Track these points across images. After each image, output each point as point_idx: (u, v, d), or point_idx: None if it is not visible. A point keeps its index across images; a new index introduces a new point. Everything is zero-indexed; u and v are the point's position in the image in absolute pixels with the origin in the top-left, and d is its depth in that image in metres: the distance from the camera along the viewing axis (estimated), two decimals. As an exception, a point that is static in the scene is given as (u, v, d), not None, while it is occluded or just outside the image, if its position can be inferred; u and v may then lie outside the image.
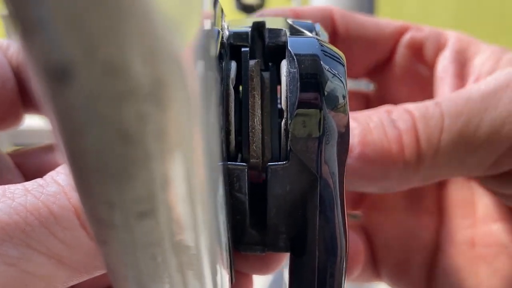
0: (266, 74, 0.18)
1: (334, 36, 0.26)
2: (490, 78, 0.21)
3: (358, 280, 0.27)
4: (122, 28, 0.07)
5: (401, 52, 0.26)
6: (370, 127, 0.21)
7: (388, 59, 0.27)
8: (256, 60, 0.18)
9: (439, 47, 0.26)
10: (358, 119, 0.21)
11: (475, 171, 0.21)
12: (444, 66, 0.25)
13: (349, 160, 0.19)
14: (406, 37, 0.26)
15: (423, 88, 0.26)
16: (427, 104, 0.21)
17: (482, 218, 0.25)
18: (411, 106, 0.21)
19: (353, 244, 0.25)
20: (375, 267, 0.27)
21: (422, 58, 0.26)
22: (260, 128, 0.17)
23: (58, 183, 0.14)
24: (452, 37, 0.26)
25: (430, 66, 0.26)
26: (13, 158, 0.22)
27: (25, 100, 0.22)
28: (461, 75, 0.24)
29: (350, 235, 0.24)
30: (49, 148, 0.23)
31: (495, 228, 0.25)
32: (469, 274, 0.25)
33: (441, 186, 0.27)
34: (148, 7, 0.08)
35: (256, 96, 0.17)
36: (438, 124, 0.20)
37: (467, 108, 0.20)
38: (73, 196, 0.14)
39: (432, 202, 0.27)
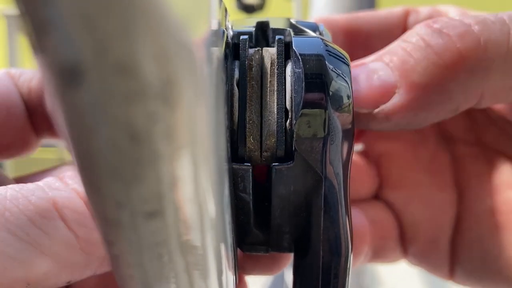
0: (273, 55, 0.17)
1: (350, 45, 0.26)
2: None
3: (386, 261, 0.27)
4: (133, 28, 0.07)
5: None
6: (408, 51, 0.19)
7: None
8: (256, 49, 0.17)
9: None
10: (396, 46, 0.19)
11: None
12: None
13: (396, 99, 0.18)
14: (411, 21, 0.26)
15: None
16: (484, 15, 0.19)
17: (500, 186, 0.25)
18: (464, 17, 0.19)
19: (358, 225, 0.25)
20: (403, 246, 0.26)
21: None
22: (259, 120, 0.17)
23: (38, 184, 0.16)
24: (452, 12, 0.25)
25: None
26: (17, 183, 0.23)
27: (38, 127, 0.22)
28: None
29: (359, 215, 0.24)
30: (50, 172, 0.23)
31: None
32: (492, 243, 0.24)
33: (456, 160, 0.27)
34: (159, 8, 0.08)
35: (255, 86, 0.17)
36: (506, 30, 0.19)
37: None
38: (53, 190, 0.16)
39: (449, 176, 0.26)
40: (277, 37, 0.18)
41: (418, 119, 0.20)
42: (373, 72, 0.19)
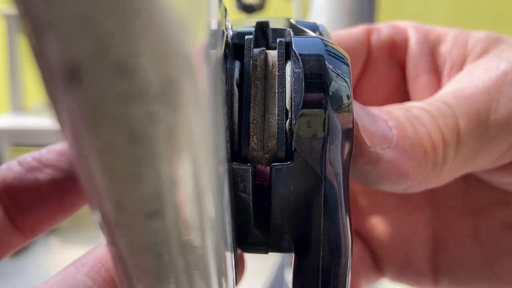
0: (274, 57, 0.17)
1: None
2: (481, 72, 0.21)
3: (365, 285, 0.27)
4: (133, 28, 0.07)
5: (377, 56, 0.26)
6: (401, 121, 0.20)
7: (364, 67, 0.26)
8: (261, 49, 0.17)
9: (405, 43, 0.25)
10: (390, 112, 0.20)
11: (485, 165, 0.21)
12: (413, 62, 0.25)
13: (387, 151, 0.19)
14: (374, 39, 0.25)
15: (399, 88, 0.26)
16: (436, 103, 0.21)
17: (479, 206, 0.25)
18: (424, 105, 0.21)
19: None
20: (378, 269, 0.27)
21: (394, 57, 0.26)
22: (263, 120, 0.17)
23: None
24: (410, 29, 0.25)
25: (402, 64, 0.26)
26: None
27: (23, 226, 0.20)
28: (432, 69, 0.24)
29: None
30: None
31: (499, 214, 0.25)
32: (474, 258, 0.25)
33: None
34: (159, 8, 0.08)
35: (259, 86, 0.17)
36: (455, 124, 0.20)
37: (474, 109, 0.20)
38: None
39: (420, 198, 0.27)
40: (278, 39, 0.18)
41: (382, 184, 0.21)
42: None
